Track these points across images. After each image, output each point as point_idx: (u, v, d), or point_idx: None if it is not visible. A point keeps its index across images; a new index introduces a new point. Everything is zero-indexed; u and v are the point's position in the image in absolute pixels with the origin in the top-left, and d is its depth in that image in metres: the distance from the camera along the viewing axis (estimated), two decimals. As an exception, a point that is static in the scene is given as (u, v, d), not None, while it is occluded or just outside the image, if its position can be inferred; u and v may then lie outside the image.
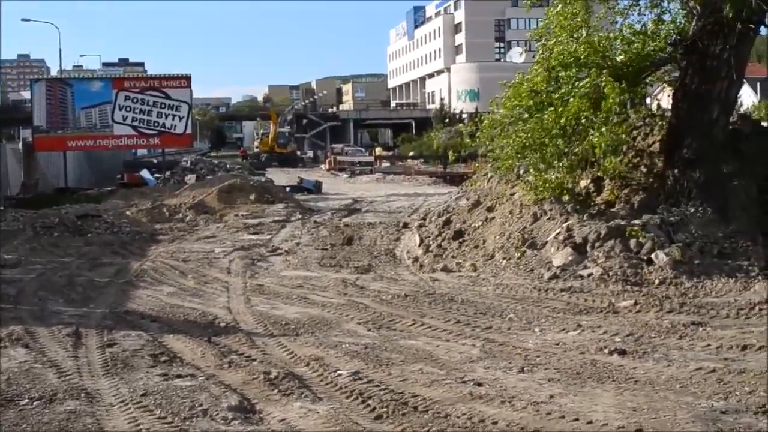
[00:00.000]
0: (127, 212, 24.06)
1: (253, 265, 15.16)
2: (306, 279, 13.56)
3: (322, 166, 64.13)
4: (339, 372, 7.83)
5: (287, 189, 34.12)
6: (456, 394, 7.13)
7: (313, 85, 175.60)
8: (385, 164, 57.52)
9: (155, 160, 43.07)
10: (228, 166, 48.86)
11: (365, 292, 12.30)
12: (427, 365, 8.12)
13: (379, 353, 8.62)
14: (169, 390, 7.26)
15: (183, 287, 13.15)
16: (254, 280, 13.55)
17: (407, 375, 7.75)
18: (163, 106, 35.91)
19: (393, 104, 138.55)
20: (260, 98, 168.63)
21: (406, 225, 19.41)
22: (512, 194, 15.83)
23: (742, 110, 27.36)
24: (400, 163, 59.56)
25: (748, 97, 59.56)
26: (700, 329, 9.35)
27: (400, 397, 7.04)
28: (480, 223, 15.81)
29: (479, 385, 7.39)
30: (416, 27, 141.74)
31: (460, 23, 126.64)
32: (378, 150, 73.86)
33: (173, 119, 36.08)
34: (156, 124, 36.08)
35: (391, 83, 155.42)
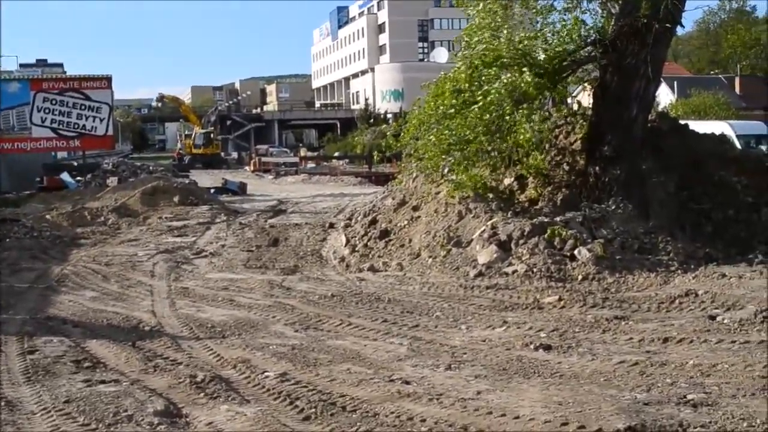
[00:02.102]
0: (48, 216, 23.50)
1: (177, 268, 14.98)
2: (232, 281, 13.44)
3: (247, 167, 63.61)
4: (266, 374, 7.78)
5: (211, 191, 33.78)
6: (384, 392, 7.13)
7: (237, 85, 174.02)
8: (311, 165, 57.29)
9: (76, 163, 42.05)
10: (151, 168, 48.16)
11: (292, 293, 12.25)
12: (355, 365, 8.12)
13: (307, 354, 8.59)
14: (93, 396, 7.13)
15: (106, 291, 12.93)
16: (179, 283, 13.39)
17: (335, 375, 7.73)
18: (83, 107, 35.10)
19: (317, 105, 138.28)
20: (187, 98, 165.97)
21: (332, 225, 19.38)
22: (437, 193, 15.92)
23: (660, 108, 27.92)
24: (326, 163, 59.37)
25: (665, 96, 60.88)
26: (623, 323, 9.52)
27: (328, 397, 7.02)
28: (406, 223, 15.87)
29: (407, 383, 7.40)
30: (340, 27, 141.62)
31: (383, 23, 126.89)
32: (303, 151, 73.62)
33: (94, 121, 35.28)
34: (76, 126, 35.25)
35: (316, 83, 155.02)
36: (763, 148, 30.68)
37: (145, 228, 21.66)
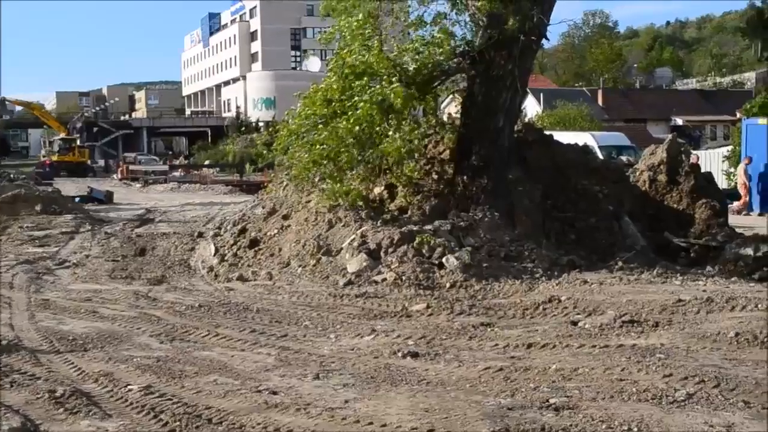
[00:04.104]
0: None
1: (38, 279, 14.44)
2: (95, 292, 13.05)
3: (115, 175, 62.20)
4: (129, 387, 7.56)
5: (76, 199, 32.82)
6: (251, 403, 7.03)
7: (104, 91, 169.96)
8: (180, 173, 56.43)
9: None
10: (12, 175, 46.49)
11: (158, 303, 11.97)
12: (222, 376, 7.98)
13: (172, 366, 8.40)
14: (-57, 414, 6.79)
15: (-40, 305, 12.35)
16: (39, 295, 12.90)
17: (201, 387, 7.58)
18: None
19: (188, 112, 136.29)
20: (51, 105, 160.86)
21: (201, 234, 19.06)
22: (308, 202, 15.87)
23: (526, 119, 28.58)
24: (196, 172, 58.61)
25: (532, 107, 62.47)
26: (489, 330, 9.68)
27: (194, 409, 6.87)
28: (276, 232, 15.76)
29: (274, 393, 7.32)
30: (211, 34, 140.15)
31: (256, 31, 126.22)
32: (178, 160, 72.46)
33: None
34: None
35: (186, 91, 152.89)
36: (624, 158, 31.85)
37: (5, 238, 20.80)
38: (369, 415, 6.63)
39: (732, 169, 34.17)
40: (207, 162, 73.96)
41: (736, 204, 28.88)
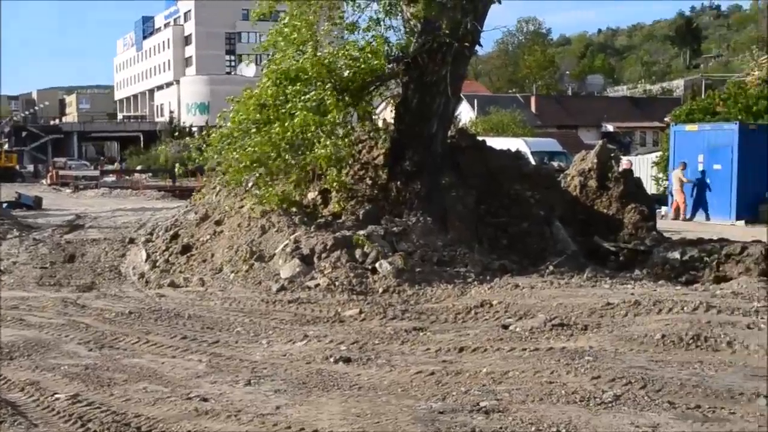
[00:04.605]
0: None
1: (-37, 287, 14.12)
2: (23, 299, 12.79)
3: (44, 180, 61.09)
4: (57, 396, 7.43)
5: (3, 205, 32.12)
6: (181, 411, 6.96)
7: (34, 95, 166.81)
8: (112, 178, 55.68)
9: None
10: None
11: (87, 310, 11.78)
12: (152, 383, 7.89)
13: (101, 374, 8.27)
14: None
15: None
16: (-36, 303, 12.61)
17: (130, 395, 7.48)
18: None
19: (120, 117, 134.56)
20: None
21: (132, 240, 18.78)
22: (240, 207, 15.77)
23: (460, 125, 28.78)
24: (128, 177, 57.90)
25: (466, 113, 62.97)
26: (421, 334, 9.72)
27: (123, 417, 6.78)
28: (208, 237, 15.62)
29: (205, 400, 7.26)
30: (145, 38, 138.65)
31: (190, 35, 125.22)
32: (113, 165, 71.50)
33: None
34: None
35: (119, 95, 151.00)
36: (555, 164, 32.28)
37: (-72, 245, 20.32)
38: (300, 421, 6.61)
39: (661, 175, 34.85)
40: (139, 167, 73.12)
41: (665, 209, 29.49)
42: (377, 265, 12.89)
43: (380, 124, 17.52)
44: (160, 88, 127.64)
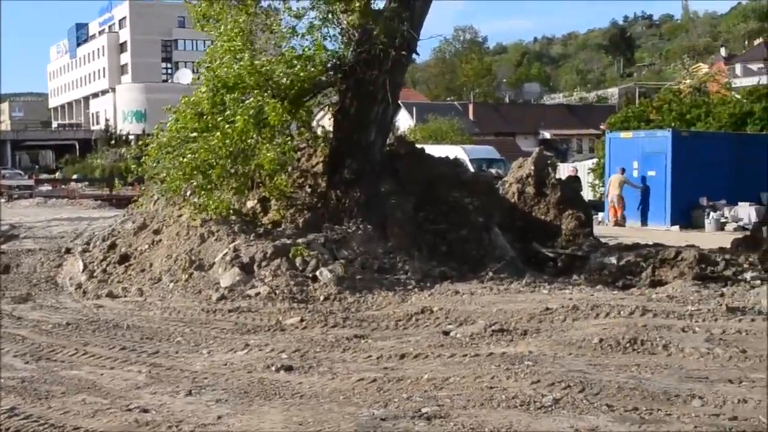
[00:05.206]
0: None
1: None
2: (-45, 312, 12.53)
3: (-24, 190, 59.83)
4: (-8, 410, 7.30)
5: (-66, 216, 31.45)
6: (121, 422, 6.88)
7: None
8: (47, 187, 54.78)
9: None
10: None
11: (23, 322, 11.56)
12: (91, 395, 7.78)
13: (38, 386, 8.13)
14: None
15: None
16: None
17: (69, 407, 7.37)
18: None
19: (55, 125, 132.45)
20: None
21: (68, 251, 18.48)
22: (179, 216, 15.62)
23: (399, 133, 28.97)
24: (63, 186, 57.01)
25: (405, 121, 63.27)
26: (362, 341, 9.74)
27: (61, 430, 6.70)
28: (147, 247, 15.44)
29: (145, 411, 7.18)
30: (79, 45, 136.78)
31: (125, 42, 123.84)
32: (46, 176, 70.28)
33: None
34: None
35: (53, 103, 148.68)
36: (493, 171, 32.60)
37: None
38: (242, 430, 6.60)
39: (597, 181, 35.42)
40: (75, 176, 72.05)
41: (602, 215, 29.95)
42: (318, 273, 12.88)
43: (319, 132, 17.51)
44: (95, 95, 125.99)
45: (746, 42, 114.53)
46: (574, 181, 23.89)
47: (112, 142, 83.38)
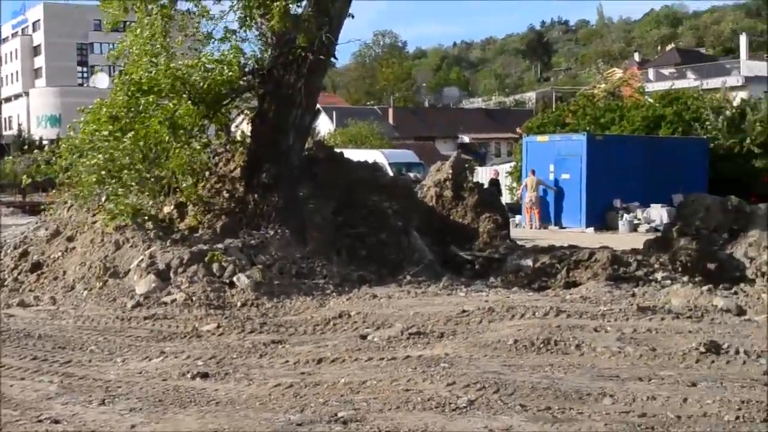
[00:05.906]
0: None
1: None
2: None
3: None
4: None
5: None
6: (31, 434, 6.74)
7: None
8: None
9: None
10: None
11: (-71, 333, 11.23)
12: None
13: (-56, 399, 7.91)
14: None
15: None
16: None
17: (-24, 419, 7.19)
18: None
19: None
20: None
21: (-22, 259, 18.04)
22: (93, 222, 15.33)
23: (319, 137, 28.90)
24: (-26, 193, 55.50)
25: (325, 125, 63.23)
26: (280, 347, 9.69)
27: (-33, 443, 6.53)
28: (60, 254, 15.13)
29: (57, 422, 7.03)
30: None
31: (39, 45, 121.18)
32: None
33: None
34: None
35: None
36: (412, 174, 32.79)
37: None
38: (156, 439, 6.51)
39: (515, 184, 35.87)
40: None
41: (519, 218, 30.35)
42: (235, 278, 12.78)
43: (238, 136, 17.40)
44: (8, 100, 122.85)
45: (659, 47, 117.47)
46: (496, 183, 24.18)
47: (25, 147, 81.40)
